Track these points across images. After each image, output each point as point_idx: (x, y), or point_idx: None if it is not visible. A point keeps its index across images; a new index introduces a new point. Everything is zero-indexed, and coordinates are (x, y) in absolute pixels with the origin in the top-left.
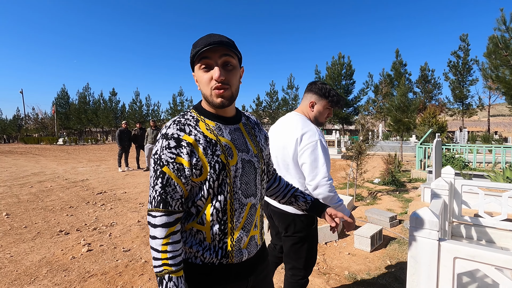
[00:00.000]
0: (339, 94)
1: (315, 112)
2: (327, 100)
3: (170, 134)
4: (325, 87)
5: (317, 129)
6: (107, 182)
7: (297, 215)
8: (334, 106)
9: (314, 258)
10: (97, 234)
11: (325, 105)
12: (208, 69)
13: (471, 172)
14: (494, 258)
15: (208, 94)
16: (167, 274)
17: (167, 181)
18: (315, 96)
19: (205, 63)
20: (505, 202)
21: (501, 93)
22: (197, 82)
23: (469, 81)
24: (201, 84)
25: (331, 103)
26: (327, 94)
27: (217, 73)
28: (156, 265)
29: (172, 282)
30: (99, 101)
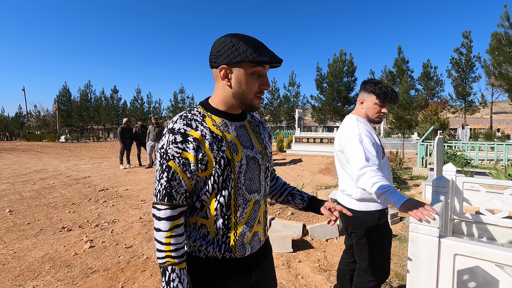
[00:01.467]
0: (388, 88)
1: (364, 109)
2: (375, 95)
3: (176, 129)
4: (374, 82)
5: (360, 125)
6: (109, 179)
7: (356, 211)
8: (383, 101)
9: (380, 262)
10: (99, 230)
11: (373, 101)
12: (258, 76)
13: (473, 169)
14: (495, 255)
15: (250, 97)
16: (170, 265)
17: (172, 175)
18: (365, 93)
19: (259, 72)
20: (506, 199)
21: (504, 90)
22: (225, 79)
23: (471, 78)
24: (246, 87)
25: (379, 98)
26: (374, 89)
27: (269, 85)
28: (160, 257)
29: (174, 274)
30: (100, 98)
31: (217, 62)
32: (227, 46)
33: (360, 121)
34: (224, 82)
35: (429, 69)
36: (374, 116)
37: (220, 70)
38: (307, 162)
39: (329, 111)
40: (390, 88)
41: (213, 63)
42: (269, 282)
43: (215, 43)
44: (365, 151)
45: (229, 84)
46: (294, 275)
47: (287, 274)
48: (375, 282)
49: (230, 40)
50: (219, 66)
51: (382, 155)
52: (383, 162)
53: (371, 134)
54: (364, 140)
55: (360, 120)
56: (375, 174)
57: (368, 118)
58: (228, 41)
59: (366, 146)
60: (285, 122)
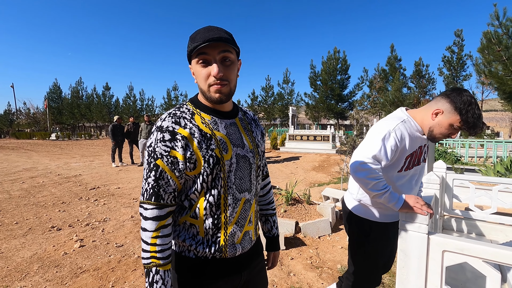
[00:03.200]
0: (480, 120)
1: (435, 121)
2: (461, 118)
3: (165, 127)
4: (468, 102)
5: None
6: (101, 178)
7: (351, 212)
8: (465, 128)
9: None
10: (89, 229)
11: (454, 121)
12: (206, 65)
13: (463, 166)
14: (482, 251)
15: (205, 89)
16: (155, 267)
17: (160, 174)
18: (448, 106)
19: (203, 59)
20: (495, 195)
21: (494, 88)
22: (194, 75)
23: (462, 76)
24: (199, 79)
25: (464, 124)
26: (464, 110)
27: (215, 69)
28: (145, 257)
29: (158, 275)
30: (92, 95)
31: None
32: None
33: (408, 124)
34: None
35: (421, 67)
36: (440, 135)
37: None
38: (301, 159)
39: (323, 109)
40: (481, 119)
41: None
42: (260, 281)
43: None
44: (381, 149)
45: (196, 82)
46: (286, 273)
47: (280, 272)
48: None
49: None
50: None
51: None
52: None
53: (406, 141)
54: (390, 141)
55: (409, 123)
56: (374, 174)
57: (431, 134)
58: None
59: (386, 146)
60: (279, 120)
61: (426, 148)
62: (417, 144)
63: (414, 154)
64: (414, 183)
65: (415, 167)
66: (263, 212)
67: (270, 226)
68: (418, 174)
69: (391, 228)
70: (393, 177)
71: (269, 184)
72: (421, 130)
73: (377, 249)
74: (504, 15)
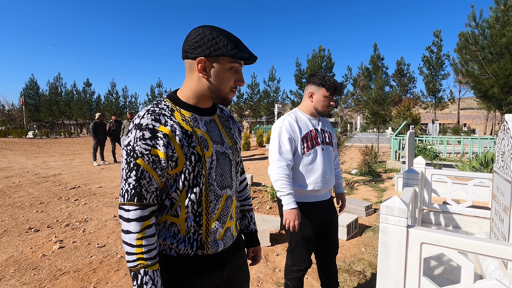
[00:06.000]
0: (337, 82)
1: (314, 102)
2: (325, 88)
3: (144, 125)
4: (321, 76)
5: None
6: (81, 177)
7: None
8: (332, 94)
9: (296, 249)
10: (69, 230)
11: (323, 94)
12: (235, 72)
13: (441, 162)
14: (457, 243)
15: (226, 90)
16: (143, 268)
17: (141, 174)
18: (314, 86)
19: (237, 68)
20: (470, 190)
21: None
22: (201, 72)
23: (441, 75)
24: (221, 81)
25: (329, 91)
26: (324, 82)
27: (244, 82)
28: (130, 260)
29: (148, 276)
30: (72, 92)
31: (194, 53)
32: (206, 38)
33: (294, 114)
34: (200, 74)
35: (402, 66)
36: (324, 108)
37: (198, 62)
38: None
39: None
40: (337, 82)
41: (188, 54)
42: (242, 275)
43: (193, 33)
44: (280, 144)
45: (205, 77)
46: (271, 269)
47: (265, 268)
48: (294, 268)
49: (209, 32)
50: (197, 58)
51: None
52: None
53: (295, 127)
54: (283, 134)
55: (295, 113)
56: (281, 172)
57: (318, 111)
58: (207, 33)
59: (282, 140)
60: (265, 117)
61: (327, 132)
62: (308, 127)
63: (308, 135)
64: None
65: (316, 147)
66: (240, 208)
67: (247, 222)
68: (325, 156)
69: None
70: (301, 160)
71: (245, 181)
72: (311, 115)
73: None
74: (480, 16)
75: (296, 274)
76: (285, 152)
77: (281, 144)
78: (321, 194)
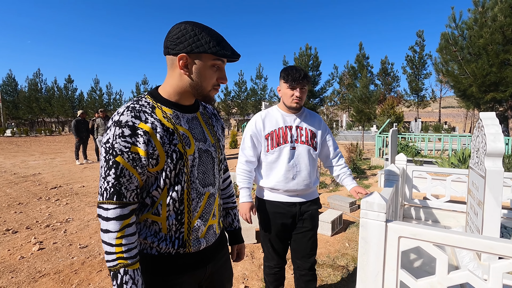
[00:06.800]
0: (293, 69)
1: (281, 96)
2: (283, 80)
3: (124, 122)
4: (285, 68)
5: (256, 116)
6: (63, 176)
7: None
8: (291, 84)
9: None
10: (50, 231)
11: (285, 86)
12: (217, 69)
13: (422, 159)
14: (432, 236)
15: (208, 89)
16: (123, 267)
17: (121, 172)
18: (280, 81)
19: (219, 65)
20: (448, 185)
21: (450, 86)
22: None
23: (423, 74)
24: (204, 78)
25: (286, 82)
26: (283, 74)
27: (226, 79)
28: (110, 260)
29: (128, 275)
30: (52, 88)
31: (175, 49)
32: (188, 34)
33: (265, 111)
34: (182, 71)
35: (386, 65)
36: (289, 101)
37: (179, 59)
38: None
39: None
40: (295, 68)
41: (170, 50)
42: (225, 272)
43: (174, 29)
44: (244, 140)
45: (187, 74)
46: (257, 265)
47: (251, 265)
48: (266, 264)
49: (191, 28)
50: (178, 54)
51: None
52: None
53: (260, 123)
54: (247, 130)
55: (269, 110)
56: (240, 167)
57: (284, 104)
58: (189, 29)
59: (245, 137)
60: (252, 115)
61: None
62: (278, 124)
63: (273, 133)
64: (293, 163)
65: (282, 146)
66: (224, 206)
67: (231, 219)
68: (293, 156)
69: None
70: (264, 156)
71: (229, 178)
72: (287, 111)
73: (264, 222)
74: (460, 17)
75: (269, 271)
76: (246, 149)
77: (245, 141)
78: (286, 194)
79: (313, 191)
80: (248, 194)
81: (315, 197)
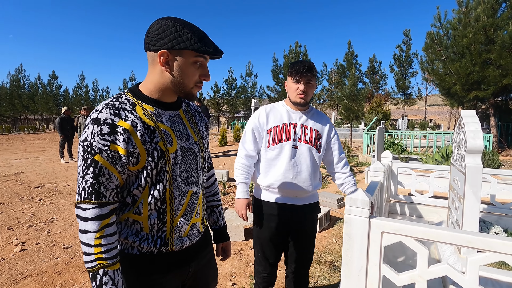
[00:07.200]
0: (299, 62)
1: (288, 92)
2: (288, 73)
3: (102, 119)
4: (292, 63)
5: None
6: (47, 175)
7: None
8: (295, 76)
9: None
10: (33, 231)
11: (290, 81)
12: (200, 66)
13: (408, 155)
14: (413, 231)
15: (190, 86)
16: (102, 268)
17: (100, 171)
18: (287, 77)
19: (202, 62)
20: (432, 181)
21: (435, 84)
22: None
23: (410, 73)
24: (186, 76)
25: (291, 75)
26: (289, 68)
27: (209, 77)
28: (89, 261)
29: (107, 276)
30: (36, 85)
31: (156, 45)
32: (169, 30)
33: (271, 105)
34: (163, 68)
35: (374, 64)
36: (293, 96)
37: (160, 55)
38: None
39: None
40: (300, 61)
41: (150, 46)
42: (209, 271)
43: (154, 25)
44: (244, 134)
45: (168, 71)
46: (245, 263)
47: (239, 262)
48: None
49: (172, 24)
50: (159, 50)
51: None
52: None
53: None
54: (249, 123)
55: (274, 104)
56: (238, 161)
57: (291, 101)
58: (170, 25)
59: (246, 130)
60: (242, 113)
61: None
62: (282, 119)
63: (276, 128)
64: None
65: (283, 143)
66: (208, 204)
67: (216, 217)
68: (295, 155)
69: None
70: (264, 152)
71: (213, 176)
72: (294, 108)
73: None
74: (445, 17)
75: (257, 274)
76: (247, 142)
77: (246, 134)
78: (285, 195)
79: (312, 195)
80: (245, 190)
81: (315, 201)
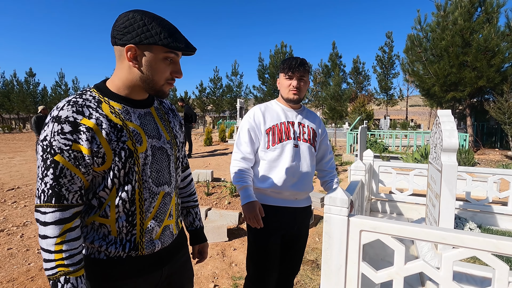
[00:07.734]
0: (290, 57)
1: (280, 89)
2: (280, 70)
3: (64, 117)
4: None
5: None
6: (22, 176)
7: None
8: (287, 72)
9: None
10: (4, 236)
11: (282, 77)
12: (171, 62)
13: (389, 154)
14: (391, 228)
15: (160, 83)
16: (63, 275)
17: (60, 172)
18: (279, 75)
19: (173, 58)
20: (411, 179)
21: (416, 85)
22: (132, 60)
23: (392, 74)
24: (155, 72)
25: (283, 71)
26: (280, 66)
27: (181, 73)
28: (48, 268)
29: (69, 284)
30: (12, 82)
31: (122, 39)
32: (136, 23)
33: (264, 104)
34: (131, 63)
35: (358, 65)
36: (285, 92)
37: (127, 50)
38: None
39: None
40: (292, 57)
41: (117, 40)
42: (185, 273)
43: (121, 18)
44: (239, 135)
45: (137, 66)
46: (228, 263)
47: (221, 263)
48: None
49: (141, 17)
50: (126, 45)
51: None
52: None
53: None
54: (244, 124)
55: (268, 103)
56: (235, 165)
57: (284, 98)
58: (138, 18)
59: (242, 131)
60: (228, 112)
61: (308, 128)
62: (280, 118)
63: (275, 128)
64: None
65: (284, 143)
66: (184, 205)
67: (192, 218)
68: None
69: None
70: (265, 154)
71: (190, 176)
72: (287, 106)
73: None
74: (425, 20)
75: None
76: (243, 144)
77: (240, 135)
78: (285, 198)
79: (309, 197)
80: (250, 193)
81: (310, 203)
